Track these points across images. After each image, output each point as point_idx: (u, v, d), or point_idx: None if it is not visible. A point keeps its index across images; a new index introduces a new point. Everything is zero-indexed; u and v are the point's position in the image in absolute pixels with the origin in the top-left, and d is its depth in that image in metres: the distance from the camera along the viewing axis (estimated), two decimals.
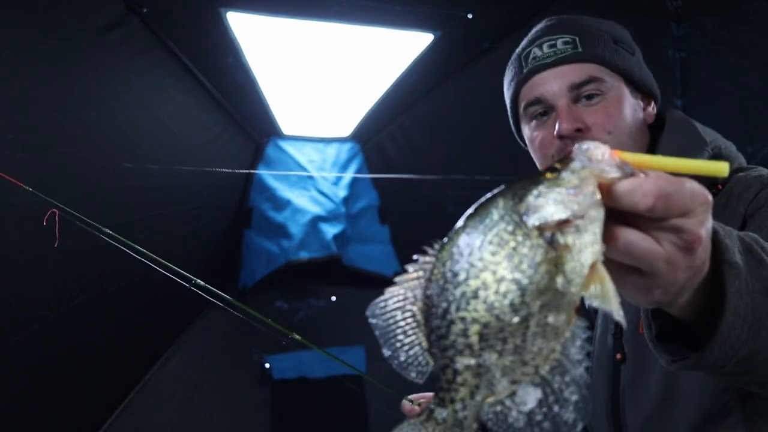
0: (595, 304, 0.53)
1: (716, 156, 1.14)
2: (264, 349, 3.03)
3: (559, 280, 0.53)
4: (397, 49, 2.61)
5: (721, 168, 0.56)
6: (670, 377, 1.09)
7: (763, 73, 2.44)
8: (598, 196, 0.53)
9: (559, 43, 1.16)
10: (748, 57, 2.48)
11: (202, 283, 1.50)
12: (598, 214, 0.53)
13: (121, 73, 2.20)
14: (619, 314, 0.53)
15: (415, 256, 0.57)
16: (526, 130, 1.23)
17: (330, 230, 2.95)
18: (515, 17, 2.49)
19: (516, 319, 0.53)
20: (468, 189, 2.98)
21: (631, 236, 0.55)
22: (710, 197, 0.57)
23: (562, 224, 0.53)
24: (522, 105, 1.21)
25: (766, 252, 0.72)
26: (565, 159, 0.56)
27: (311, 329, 3.15)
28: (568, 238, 0.53)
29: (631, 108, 1.17)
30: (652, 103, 1.23)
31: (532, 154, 1.23)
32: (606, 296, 0.53)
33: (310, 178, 3.00)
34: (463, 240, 0.55)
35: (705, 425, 1.06)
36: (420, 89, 2.82)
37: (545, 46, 1.17)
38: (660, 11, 2.64)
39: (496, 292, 0.53)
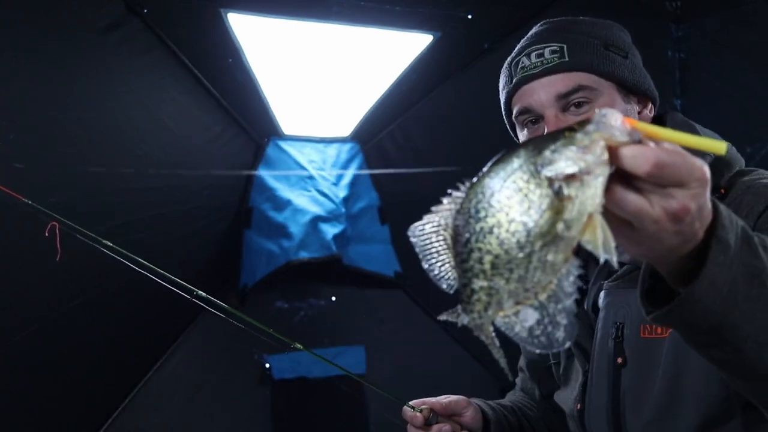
0: (588, 247, 0.62)
1: (717, 159, 1.13)
2: (264, 349, 3.03)
3: (560, 226, 0.62)
4: (397, 50, 2.62)
5: (719, 146, 0.64)
6: (673, 382, 1.09)
7: (762, 74, 2.44)
8: (606, 156, 0.62)
9: (547, 53, 1.16)
10: (747, 58, 2.48)
11: (204, 294, 1.50)
12: (603, 172, 0.61)
13: (121, 73, 2.20)
14: (606, 256, 0.61)
15: (449, 190, 0.68)
16: (521, 137, 1.24)
17: (330, 230, 2.95)
18: (515, 18, 2.50)
19: (521, 255, 0.63)
20: None
21: (626, 193, 0.63)
22: (708, 175, 0.64)
23: (570, 178, 0.61)
24: (514, 112, 1.22)
25: (766, 248, 0.74)
26: (584, 122, 0.64)
27: (311, 329, 3.15)
28: (572, 191, 0.62)
29: (623, 113, 1.17)
30: (650, 105, 1.22)
31: None
32: (596, 243, 0.62)
33: (311, 178, 3.00)
34: (487, 181, 0.65)
35: (706, 431, 1.06)
36: (420, 90, 2.82)
37: (533, 56, 1.17)
38: (659, 12, 2.65)
39: (507, 230, 0.63)
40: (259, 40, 2.43)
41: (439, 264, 0.70)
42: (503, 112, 1.29)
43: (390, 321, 3.27)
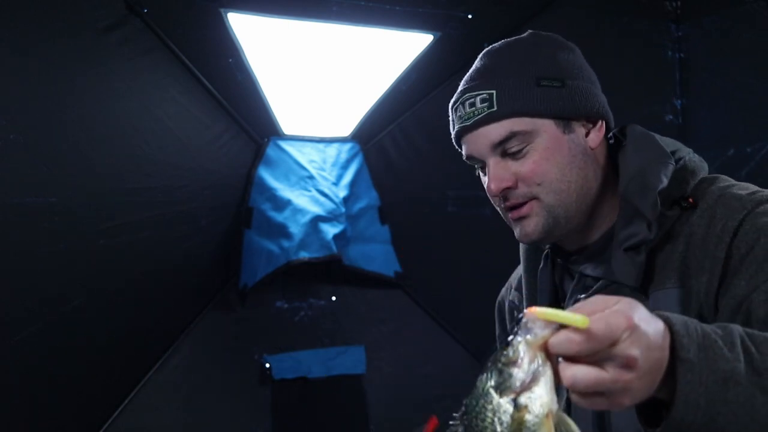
0: None
1: (681, 169, 1.12)
2: (264, 349, 3.03)
3: None
4: (397, 50, 2.62)
5: (581, 321, 0.69)
6: None
7: (763, 73, 2.44)
8: (541, 357, 0.69)
9: (478, 102, 1.14)
10: (747, 57, 2.48)
11: None
12: (544, 371, 0.69)
13: (122, 73, 2.20)
14: None
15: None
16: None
17: (330, 230, 2.95)
18: (515, 18, 2.50)
19: None
20: (468, 189, 2.99)
21: (576, 372, 0.69)
22: (633, 320, 0.69)
23: (522, 390, 0.69)
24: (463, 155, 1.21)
25: (733, 345, 0.78)
26: (511, 336, 0.72)
27: (311, 329, 3.15)
28: (525, 399, 0.69)
29: (566, 147, 1.12)
30: (600, 123, 1.17)
31: None
32: None
33: (311, 178, 3.00)
34: (468, 408, 0.73)
35: None
36: (420, 90, 2.82)
37: (467, 105, 1.15)
38: (660, 11, 2.65)
39: None
40: (259, 40, 2.44)
41: None
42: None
43: (390, 321, 3.27)
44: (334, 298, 3.21)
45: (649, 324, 0.72)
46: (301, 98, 2.84)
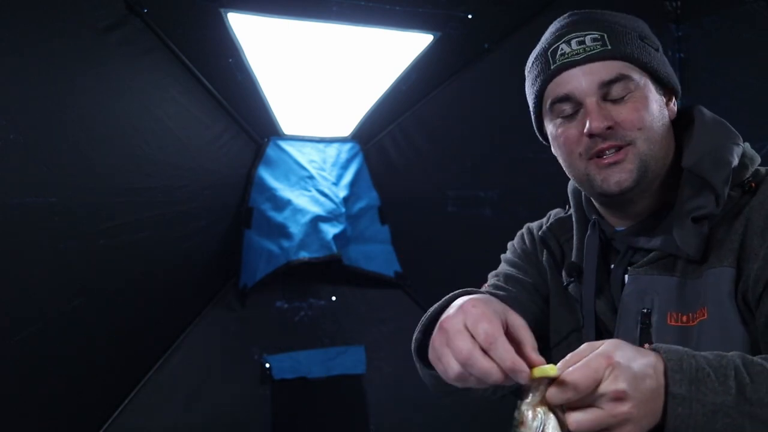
0: None
1: (743, 154, 1.16)
2: (264, 349, 3.03)
3: None
4: (397, 50, 2.62)
5: (550, 369, 0.80)
6: None
7: (763, 73, 2.44)
8: (543, 411, 0.80)
9: (588, 40, 1.15)
10: (748, 57, 2.48)
11: None
12: (548, 421, 0.79)
13: (122, 73, 2.20)
14: None
15: None
16: (550, 127, 1.20)
17: (330, 230, 2.95)
18: (515, 18, 2.49)
19: None
20: (468, 189, 2.99)
21: (577, 417, 0.78)
22: (614, 358, 0.78)
23: None
24: (548, 102, 1.19)
25: (726, 378, 0.84)
26: (521, 392, 0.83)
27: (311, 329, 3.15)
28: None
29: (657, 105, 1.16)
30: (673, 98, 1.22)
31: (555, 150, 1.22)
32: None
33: (311, 178, 3.00)
34: None
35: None
36: (420, 90, 2.82)
37: (573, 43, 1.15)
38: (660, 11, 2.64)
39: None
40: (259, 40, 2.43)
41: None
42: (531, 104, 1.25)
43: (390, 321, 3.27)
44: (334, 298, 3.21)
45: (632, 359, 0.80)
46: (301, 98, 2.84)
